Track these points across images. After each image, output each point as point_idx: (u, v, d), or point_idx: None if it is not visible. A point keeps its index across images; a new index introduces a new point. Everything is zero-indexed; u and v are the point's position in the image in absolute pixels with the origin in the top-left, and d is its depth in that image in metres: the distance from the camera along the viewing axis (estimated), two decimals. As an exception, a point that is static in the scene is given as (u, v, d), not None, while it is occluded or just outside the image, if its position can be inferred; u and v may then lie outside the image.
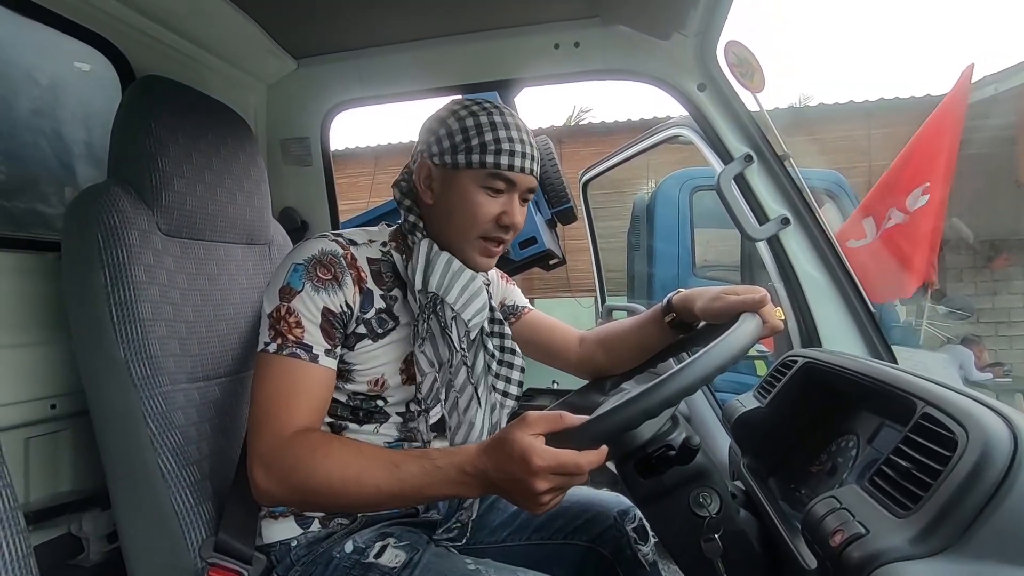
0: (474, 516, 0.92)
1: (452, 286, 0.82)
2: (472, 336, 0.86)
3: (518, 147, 0.81)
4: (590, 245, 2.70)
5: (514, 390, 0.92)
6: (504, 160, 0.80)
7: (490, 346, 0.89)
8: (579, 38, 1.22)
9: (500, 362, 0.91)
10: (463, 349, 0.84)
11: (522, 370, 0.93)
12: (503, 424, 0.92)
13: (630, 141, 1.93)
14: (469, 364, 0.86)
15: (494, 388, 0.91)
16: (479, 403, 0.87)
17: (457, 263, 0.84)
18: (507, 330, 0.93)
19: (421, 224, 0.86)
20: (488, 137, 0.80)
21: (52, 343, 0.98)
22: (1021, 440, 0.48)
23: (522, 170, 0.82)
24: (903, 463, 0.55)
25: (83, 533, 1.04)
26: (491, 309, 0.91)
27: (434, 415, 0.92)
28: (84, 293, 0.85)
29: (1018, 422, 0.50)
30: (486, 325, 0.89)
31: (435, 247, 0.84)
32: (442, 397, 0.84)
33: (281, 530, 0.84)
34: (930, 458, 0.52)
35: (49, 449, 1.00)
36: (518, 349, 0.93)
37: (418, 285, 0.82)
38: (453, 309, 0.82)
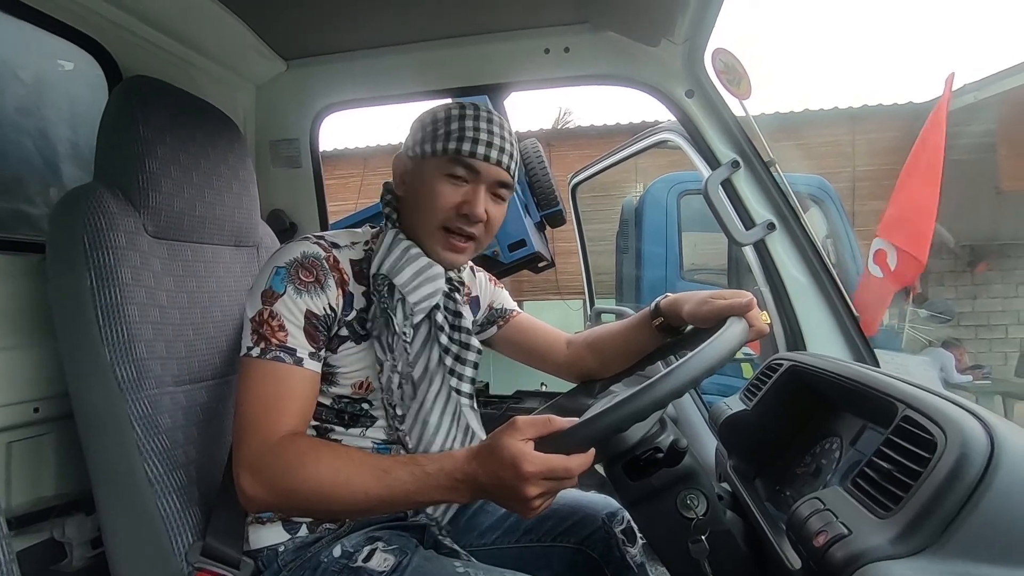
0: (444, 522, 0.91)
1: (403, 269, 0.82)
2: (416, 319, 0.85)
3: (483, 136, 0.81)
4: (579, 248, 2.71)
5: (466, 387, 0.90)
6: (466, 147, 0.81)
7: (443, 340, 0.88)
8: (569, 43, 1.23)
9: (456, 358, 0.90)
10: (404, 333, 0.82)
11: (475, 366, 0.91)
12: (470, 423, 0.92)
13: (619, 146, 1.95)
14: (412, 353, 0.85)
15: (449, 385, 0.89)
16: (434, 402, 0.87)
17: (416, 250, 0.84)
18: (465, 324, 0.91)
19: (395, 216, 0.87)
20: (454, 126, 0.81)
21: (36, 346, 0.97)
22: (997, 442, 0.49)
23: (486, 159, 0.81)
24: (884, 465, 0.56)
25: (66, 538, 1.03)
26: (453, 302, 0.91)
27: (400, 408, 0.89)
28: (69, 295, 0.84)
29: (994, 424, 0.51)
30: (439, 318, 0.88)
31: (400, 236, 0.85)
32: (394, 385, 0.83)
33: (269, 535, 0.83)
34: (910, 460, 0.54)
35: (32, 453, 0.98)
36: (475, 343, 0.91)
37: (374, 269, 0.82)
38: (401, 292, 0.82)
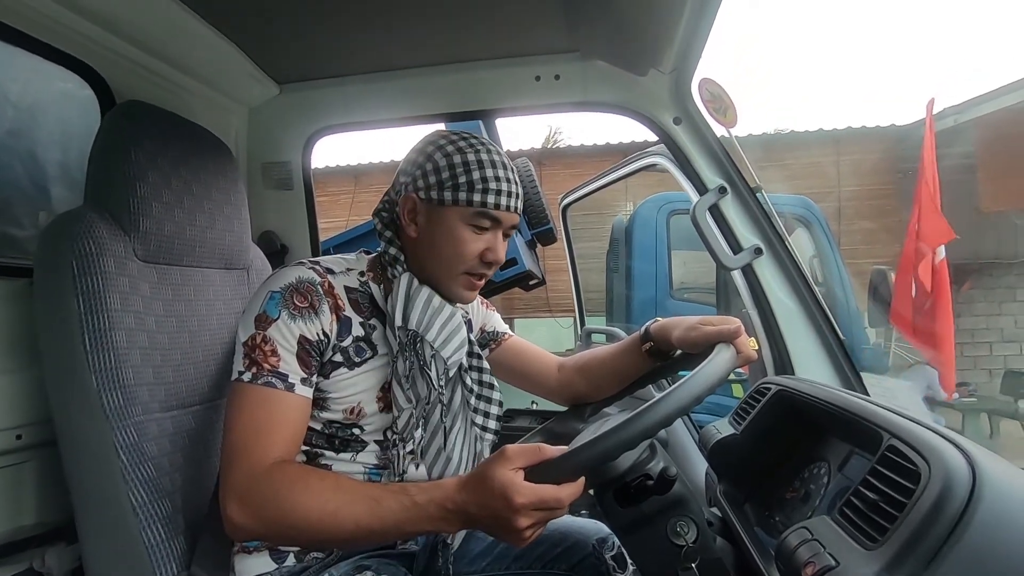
0: (455, 548, 0.91)
1: (432, 323, 0.83)
2: (451, 374, 0.87)
3: (504, 186, 0.83)
4: (569, 269, 2.73)
5: (492, 424, 0.93)
6: (491, 199, 0.82)
7: (468, 381, 0.90)
8: (559, 71, 1.26)
9: (479, 396, 0.92)
10: (441, 387, 0.84)
11: (500, 404, 0.93)
12: (485, 455, 0.92)
13: (608, 168, 1.97)
14: (445, 401, 0.87)
15: (473, 422, 0.91)
16: (456, 438, 0.87)
17: (438, 299, 0.85)
18: (485, 364, 0.94)
19: (402, 257, 0.87)
20: (476, 176, 0.81)
21: (19, 371, 0.95)
22: (978, 474, 0.50)
23: (508, 208, 0.83)
24: (871, 495, 0.56)
25: (47, 568, 1.00)
26: (470, 343, 0.92)
27: (411, 444, 0.91)
28: (56, 321, 0.83)
29: (976, 456, 0.52)
30: (464, 361, 0.90)
31: (415, 282, 0.85)
32: (416, 434, 0.84)
33: (255, 565, 0.82)
34: (895, 490, 0.54)
35: (13, 481, 0.96)
36: (496, 383, 0.94)
37: (398, 321, 0.82)
38: (432, 347, 0.82)
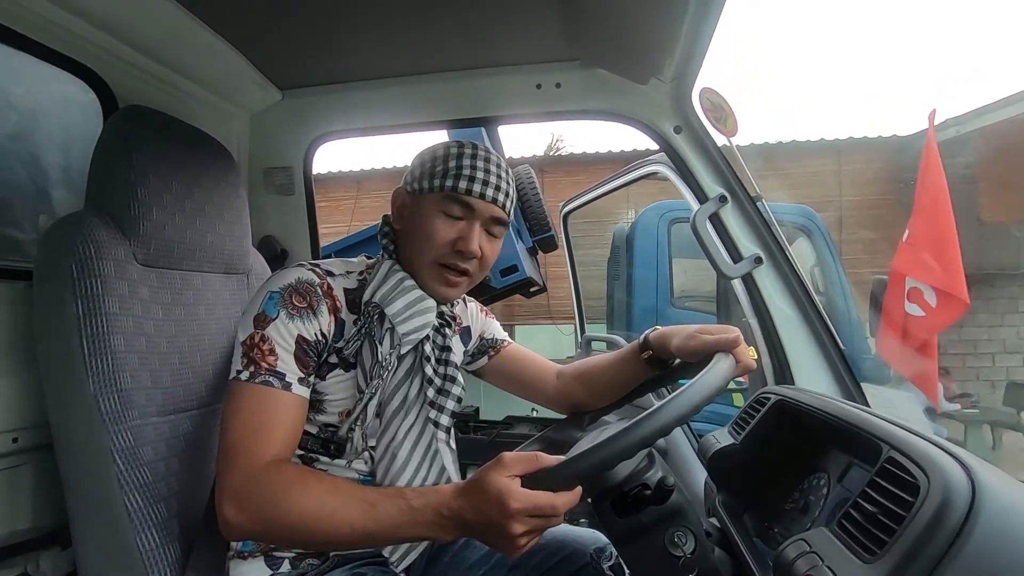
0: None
1: (396, 300, 0.83)
2: (404, 350, 0.85)
3: (480, 174, 0.83)
4: (570, 276, 2.73)
5: (444, 420, 0.89)
6: (463, 184, 0.82)
7: (427, 370, 0.88)
8: (560, 79, 1.26)
9: (439, 390, 0.89)
10: (386, 360, 0.82)
11: (459, 400, 0.90)
12: (447, 459, 0.91)
13: (610, 176, 1.98)
14: (395, 383, 0.85)
15: (427, 418, 0.88)
16: (409, 434, 0.86)
17: (410, 283, 0.85)
18: (453, 359, 0.91)
19: (392, 248, 0.89)
20: (452, 164, 0.83)
21: (17, 373, 0.95)
22: (978, 487, 0.49)
23: (482, 196, 0.83)
24: (869, 507, 0.56)
25: (40, 573, 1.00)
26: (442, 336, 0.91)
27: (360, 429, 0.87)
28: (55, 324, 0.83)
29: (976, 469, 0.52)
30: (427, 349, 0.88)
31: (395, 267, 0.86)
32: (370, 414, 0.82)
33: (250, 570, 0.82)
34: (894, 502, 0.54)
35: (9, 484, 0.96)
36: (459, 378, 0.91)
37: (366, 296, 0.83)
38: (390, 321, 0.82)
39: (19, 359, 0.95)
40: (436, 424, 0.89)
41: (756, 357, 0.95)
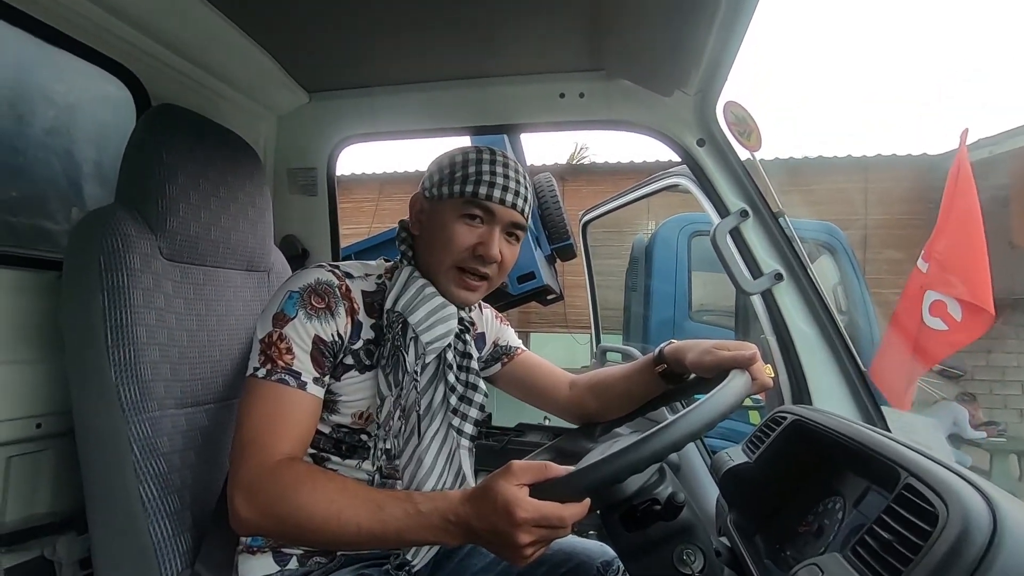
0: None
1: (418, 308, 0.84)
2: (428, 359, 0.86)
3: (499, 180, 0.83)
4: (587, 286, 2.72)
5: (468, 428, 0.90)
6: (483, 190, 0.83)
7: (450, 378, 0.88)
8: (584, 89, 1.26)
9: (461, 397, 0.90)
10: (415, 372, 0.83)
11: (482, 408, 0.91)
12: (465, 466, 0.91)
13: (630, 187, 1.97)
14: (419, 390, 0.85)
15: (450, 424, 0.89)
16: (433, 442, 0.86)
17: (431, 289, 0.85)
18: (474, 366, 0.92)
19: (410, 254, 0.89)
20: (471, 169, 0.84)
21: (43, 361, 0.98)
22: (1000, 519, 0.48)
23: (501, 202, 0.83)
24: (885, 534, 0.55)
25: (56, 557, 1.02)
26: (463, 342, 0.91)
27: (388, 441, 0.87)
28: (81, 314, 0.85)
29: (997, 500, 0.50)
30: (450, 356, 0.89)
31: (415, 274, 0.86)
32: (394, 425, 0.83)
33: (258, 566, 0.83)
34: (911, 531, 0.52)
35: (30, 469, 0.99)
36: (481, 385, 0.91)
37: (388, 304, 0.84)
38: (414, 330, 0.83)
39: (46, 347, 0.98)
40: (459, 431, 0.89)
41: (773, 375, 0.94)
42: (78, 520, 1.00)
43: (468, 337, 0.93)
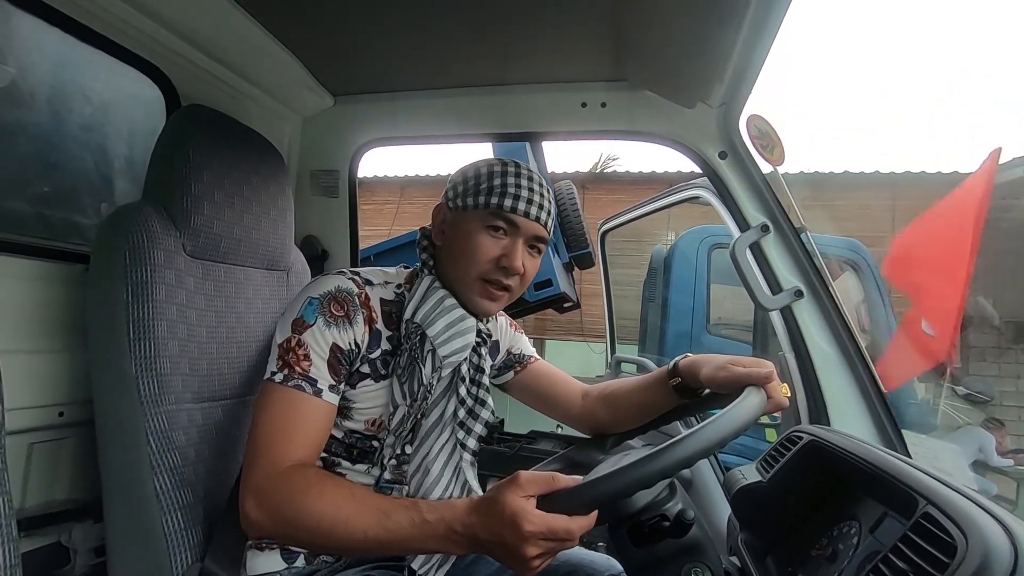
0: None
1: (437, 320, 0.84)
2: (444, 373, 0.86)
3: (524, 193, 0.84)
4: (604, 296, 2.71)
5: (471, 443, 0.90)
6: (507, 202, 0.83)
7: (462, 391, 0.88)
8: (606, 99, 1.26)
9: (469, 412, 0.90)
10: (430, 383, 0.84)
11: (486, 424, 0.91)
12: (468, 477, 0.91)
13: (650, 197, 1.96)
14: (431, 401, 0.86)
15: (456, 436, 0.89)
16: (441, 452, 0.86)
17: (452, 302, 0.86)
18: (485, 381, 0.92)
19: (431, 263, 0.90)
20: (496, 182, 0.84)
21: (67, 351, 1.01)
22: (1021, 554, 0.46)
23: (526, 215, 0.84)
24: (901, 564, 0.53)
25: (72, 544, 1.04)
26: (478, 355, 0.91)
27: (398, 447, 0.89)
28: (105, 307, 0.87)
29: (1019, 534, 0.49)
30: (464, 369, 0.89)
31: (436, 284, 0.87)
32: (404, 430, 0.84)
33: (266, 562, 0.83)
34: (928, 562, 0.51)
35: (51, 456, 1.01)
36: (489, 401, 0.92)
37: (407, 314, 0.84)
38: (432, 342, 0.83)
39: (72, 337, 1.01)
40: (463, 445, 0.90)
41: (789, 395, 0.92)
42: (95, 508, 1.02)
43: (484, 351, 0.93)
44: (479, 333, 0.92)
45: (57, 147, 1.26)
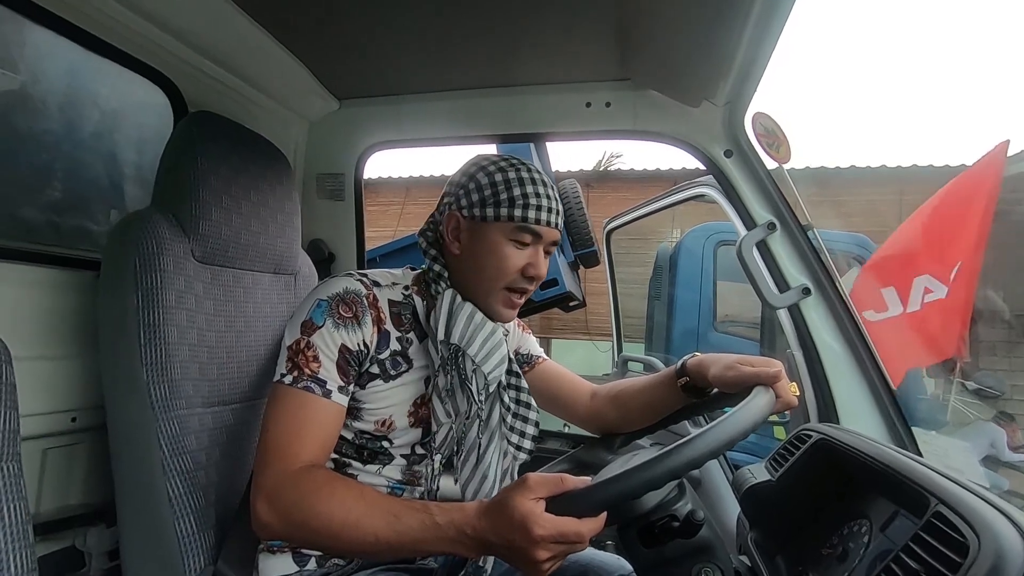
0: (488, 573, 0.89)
1: (474, 338, 0.84)
2: (491, 389, 0.87)
3: (545, 202, 0.84)
4: (610, 295, 2.70)
5: (527, 444, 0.92)
6: (532, 214, 0.83)
7: (506, 399, 0.90)
8: (611, 99, 1.26)
9: (515, 415, 0.92)
10: (480, 402, 0.85)
11: (536, 424, 0.93)
12: (515, 475, 0.92)
13: (655, 196, 1.96)
14: (483, 417, 0.87)
15: (508, 440, 0.91)
16: (492, 457, 0.87)
17: (480, 315, 0.86)
18: (523, 383, 0.94)
19: (446, 274, 0.89)
20: (516, 192, 0.84)
21: (79, 357, 1.02)
22: (1034, 554, 0.46)
23: (548, 224, 0.85)
24: (912, 563, 0.53)
25: (87, 548, 1.05)
26: (509, 361, 0.92)
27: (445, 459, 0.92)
28: (116, 313, 0.88)
29: (1033, 533, 0.48)
30: (503, 378, 0.90)
31: (459, 298, 0.86)
32: (454, 448, 0.85)
33: (278, 565, 0.84)
34: (940, 561, 0.51)
35: (65, 461, 1.02)
36: (533, 403, 0.94)
37: (440, 335, 0.83)
38: (474, 361, 0.83)
39: (84, 344, 1.02)
40: (519, 448, 0.92)
41: (798, 394, 0.91)
42: (109, 512, 1.03)
43: (510, 353, 0.94)
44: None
45: (67, 155, 1.27)
